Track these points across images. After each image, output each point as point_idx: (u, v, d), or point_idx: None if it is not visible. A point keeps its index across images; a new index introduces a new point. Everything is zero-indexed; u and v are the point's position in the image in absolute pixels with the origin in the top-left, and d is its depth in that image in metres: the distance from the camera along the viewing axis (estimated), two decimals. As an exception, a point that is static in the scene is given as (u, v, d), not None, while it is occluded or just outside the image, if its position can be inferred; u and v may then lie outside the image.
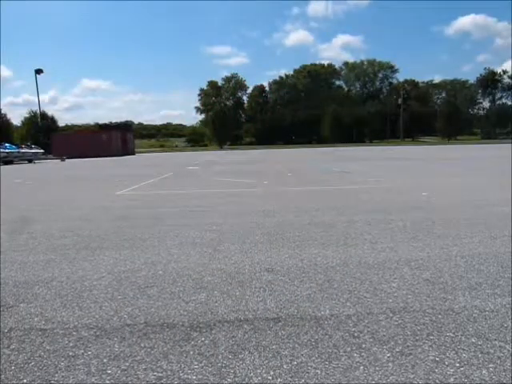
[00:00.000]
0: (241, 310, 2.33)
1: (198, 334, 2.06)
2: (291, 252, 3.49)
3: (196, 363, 1.78)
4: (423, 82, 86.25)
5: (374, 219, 4.76)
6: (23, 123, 58.05)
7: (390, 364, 1.70)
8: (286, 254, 3.42)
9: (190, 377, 1.68)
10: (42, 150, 31.67)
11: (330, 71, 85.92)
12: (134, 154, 41.98)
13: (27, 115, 57.71)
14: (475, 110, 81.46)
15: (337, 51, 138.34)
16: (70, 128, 71.74)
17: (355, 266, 3.06)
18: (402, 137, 68.69)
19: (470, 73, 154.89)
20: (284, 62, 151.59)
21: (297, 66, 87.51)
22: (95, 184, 11.01)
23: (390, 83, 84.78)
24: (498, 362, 1.69)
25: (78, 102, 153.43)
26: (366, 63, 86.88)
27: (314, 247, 3.61)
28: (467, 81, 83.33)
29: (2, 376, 1.69)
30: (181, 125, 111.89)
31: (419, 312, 2.23)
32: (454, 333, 1.97)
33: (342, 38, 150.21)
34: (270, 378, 1.67)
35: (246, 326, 2.13)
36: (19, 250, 3.79)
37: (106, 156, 33.22)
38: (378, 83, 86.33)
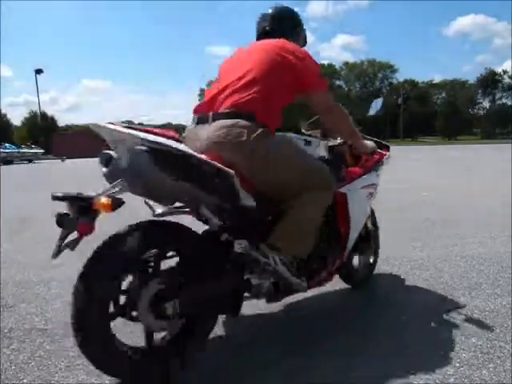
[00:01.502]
0: (241, 309, 2.33)
1: (198, 333, 2.05)
2: (291, 252, 3.48)
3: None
4: (423, 82, 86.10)
5: (374, 219, 4.76)
6: (23, 123, 58.04)
7: (390, 364, 1.70)
8: (286, 254, 3.41)
9: (189, 377, 1.68)
10: (42, 150, 31.68)
11: (330, 71, 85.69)
12: (134, 153, 41.87)
13: (27, 115, 57.72)
14: (475, 110, 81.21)
15: (337, 51, 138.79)
16: (70, 128, 71.58)
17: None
18: (402, 137, 68.62)
19: (470, 73, 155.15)
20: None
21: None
22: (95, 184, 10.99)
23: (390, 83, 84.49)
24: (498, 361, 1.69)
25: (78, 102, 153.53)
26: (366, 63, 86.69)
27: (314, 247, 3.61)
28: (467, 81, 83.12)
29: (2, 376, 1.69)
30: (181, 125, 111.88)
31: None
32: (454, 333, 1.97)
33: (341, 38, 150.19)
34: (270, 377, 1.66)
35: (246, 326, 2.13)
36: (19, 249, 3.79)
37: (106, 156, 33.11)
38: (378, 83, 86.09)
